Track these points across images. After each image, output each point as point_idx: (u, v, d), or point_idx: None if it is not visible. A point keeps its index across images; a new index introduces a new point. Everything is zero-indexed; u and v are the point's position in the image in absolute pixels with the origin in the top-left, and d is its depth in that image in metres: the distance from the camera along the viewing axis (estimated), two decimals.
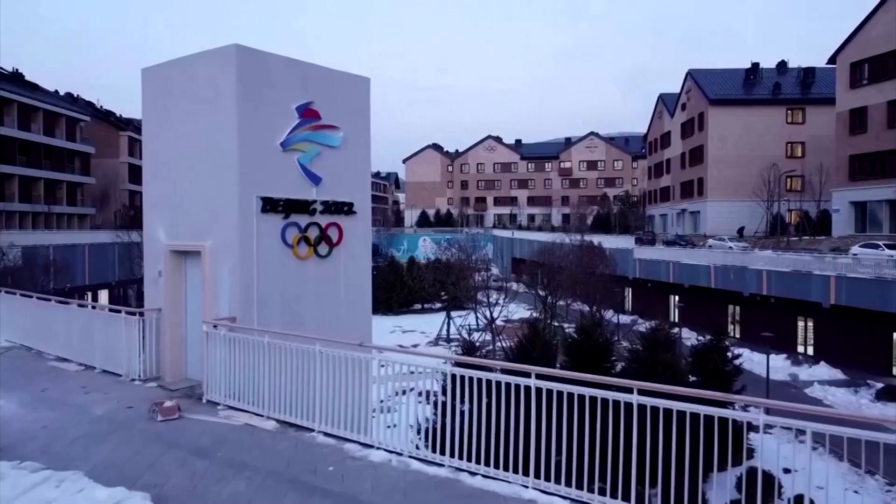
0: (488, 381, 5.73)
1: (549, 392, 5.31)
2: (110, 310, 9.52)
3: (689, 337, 36.54)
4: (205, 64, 8.61)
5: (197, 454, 6.28)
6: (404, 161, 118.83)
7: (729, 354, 19.18)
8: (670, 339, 17.76)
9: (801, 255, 34.80)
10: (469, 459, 5.76)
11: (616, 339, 21.21)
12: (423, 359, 6.68)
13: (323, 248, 9.22)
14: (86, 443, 6.67)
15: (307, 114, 9.00)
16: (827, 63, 47.84)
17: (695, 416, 4.90)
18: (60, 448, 6.50)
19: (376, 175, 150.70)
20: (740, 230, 54.85)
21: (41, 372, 9.78)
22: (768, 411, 4.92)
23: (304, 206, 8.96)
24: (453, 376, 6.11)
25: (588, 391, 5.18)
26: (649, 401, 4.95)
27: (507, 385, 5.59)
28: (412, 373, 6.63)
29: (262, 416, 7.25)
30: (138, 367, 9.06)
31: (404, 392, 22.23)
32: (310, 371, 6.81)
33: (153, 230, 9.39)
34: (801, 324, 33.69)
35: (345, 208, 9.44)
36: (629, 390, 5.05)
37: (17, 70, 60.83)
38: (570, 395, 5.22)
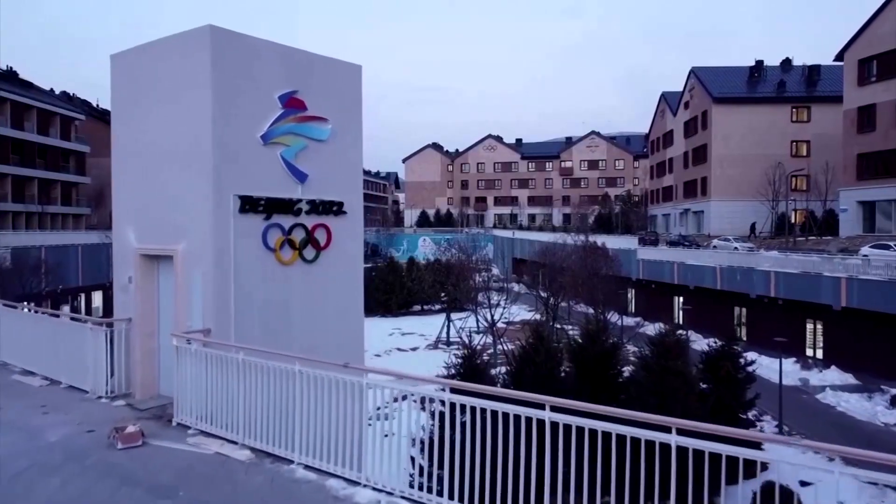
0: (493, 413, 4.87)
1: (567, 427, 4.45)
2: (72, 319, 8.67)
3: (696, 339, 35.80)
4: (176, 48, 7.77)
5: (157, 492, 5.43)
6: (404, 160, 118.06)
7: (742, 361, 18.33)
8: (681, 345, 16.90)
9: (808, 256, 33.96)
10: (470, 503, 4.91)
11: (621, 342, 20.35)
12: (416, 384, 5.80)
13: (309, 252, 8.38)
14: (32, 477, 5.83)
15: (291, 104, 8.15)
16: (834, 60, 46.96)
17: (734, 459, 4.07)
18: (1, 484, 5.67)
19: (376, 175, 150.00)
20: (752, 227, 53.87)
21: (2, 387, 8.93)
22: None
23: (287, 206, 8.12)
24: (452, 405, 5.25)
25: (614, 428, 4.32)
26: (691, 442, 4.10)
27: (517, 417, 4.73)
28: (404, 398, 5.78)
29: (236, 443, 6.39)
30: (105, 383, 8.21)
31: (404, 398, 20.90)
32: (289, 394, 5.96)
33: (122, 232, 8.55)
34: (809, 326, 32.84)
35: (334, 208, 8.59)
36: (666, 429, 4.18)
37: (10, 68, 60.00)
38: (594, 431, 4.35)
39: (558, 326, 39.02)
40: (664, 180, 75.32)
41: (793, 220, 55.67)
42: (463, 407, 5.09)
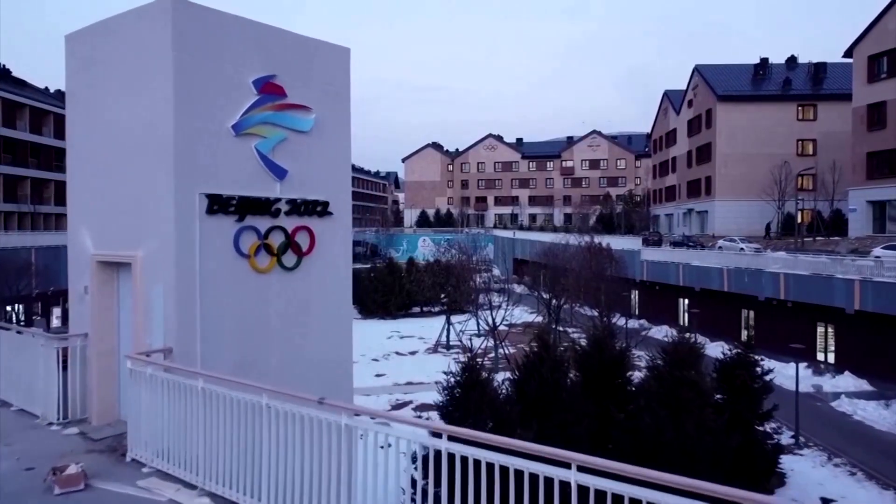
0: (503, 469, 3.86)
1: (601, 493, 3.44)
2: (18, 332, 7.69)
3: (702, 342, 34.59)
4: (133, 24, 6.77)
5: None
6: (404, 160, 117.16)
7: (758, 369, 17.33)
8: (694, 354, 15.90)
9: (818, 258, 32.97)
10: None
11: (627, 346, 19.37)
12: (400, 427, 4.78)
13: (289, 258, 7.39)
14: None
15: (268, 89, 7.16)
16: (843, 56, 45.95)
17: None
18: None
19: (375, 174, 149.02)
20: (767, 227, 52.77)
21: None
22: None
23: (264, 206, 7.12)
24: (450, 456, 4.23)
25: (659, 497, 3.29)
26: None
27: (533, 477, 3.72)
28: (389, 444, 4.78)
29: (194, 487, 5.39)
30: (58, 408, 7.21)
31: (402, 406, 19.79)
32: (256, 431, 4.97)
33: (77, 235, 7.55)
34: (820, 329, 31.85)
35: (318, 208, 7.59)
36: None
37: (3, 66, 59.02)
38: (636, 502, 3.32)
39: (561, 329, 38.06)
40: (667, 180, 74.34)
41: (798, 221, 54.75)
42: (464, 459, 4.08)
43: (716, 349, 26.80)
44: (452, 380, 14.68)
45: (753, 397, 17.15)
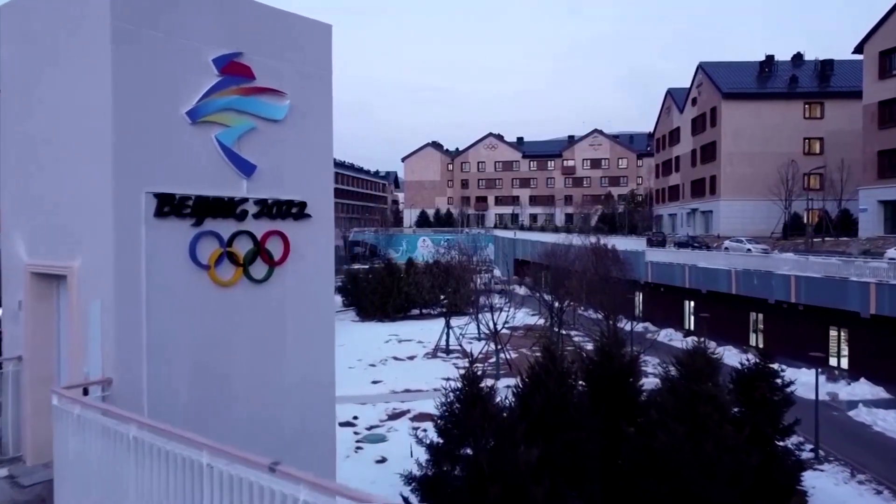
0: None
1: None
2: None
3: (713, 347, 33.45)
4: None
5: None
6: (403, 159, 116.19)
7: (779, 381, 16.22)
8: (712, 365, 14.79)
9: (829, 259, 31.91)
10: None
11: (638, 354, 18.29)
12: None
13: (258, 269, 6.28)
14: None
15: (233, 70, 6.06)
16: (853, 53, 44.88)
17: None
18: None
19: (375, 174, 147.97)
20: (785, 227, 51.53)
21: None
22: None
23: (227, 207, 6.02)
24: None
25: None
26: None
27: None
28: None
29: None
30: None
31: (399, 415, 18.21)
32: (195, 498, 3.87)
33: (10, 241, 6.45)
34: (833, 334, 30.74)
35: (293, 210, 6.49)
36: None
37: None
38: None
39: (564, 332, 37.00)
40: (670, 179, 73.29)
41: (805, 221, 53.69)
42: None
43: (730, 357, 25.76)
44: (451, 394, 13.57)
45: (773, 410, 16.06)
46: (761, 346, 34.92)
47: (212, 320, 5.88)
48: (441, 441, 13.71)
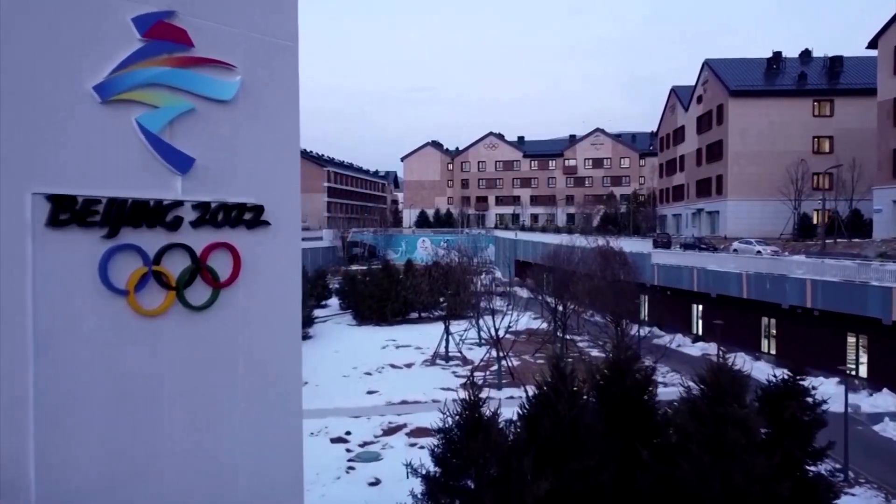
0: None
1: None
2: None
3: (707, 350, 31.97)
4: None
5: None
6: (402, 159, 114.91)
7: (810, 399, 14.78)
8: (739, 383, 13.37)
9: (841, 261, 30.52)
10: None
11: (653, 368, 16.80)
12: None
13: (198, 293, 4.85)
14: None
15: (161, 33, 4.64)
16: (867, 48, 43.44)
17: None
18: None
19: (374, 174, 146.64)
20: (806, 229, 50.04)
21: None
22: None
23: (154, 214, 4.59)
24: None
25: None
26: None
27: None
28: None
29: None
30: None
31: (395, 430, 16.10)
32: None
33: None
34: (851, 340, 29.34)
35: (246, 216, 5.07)
36: None
37: None
38: None
39: (568, 338, 35.58)
40: (674, 179, 71.91)
41: (815, 221, 52.28)
42: None
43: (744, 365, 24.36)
44: (449, 419, 12.15)
45: (804, 432, 14.64)
46: (773, 352, 33.58)
47: (130, 363, 4.46)
48: (438, 471, 12.31)
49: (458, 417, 12.28)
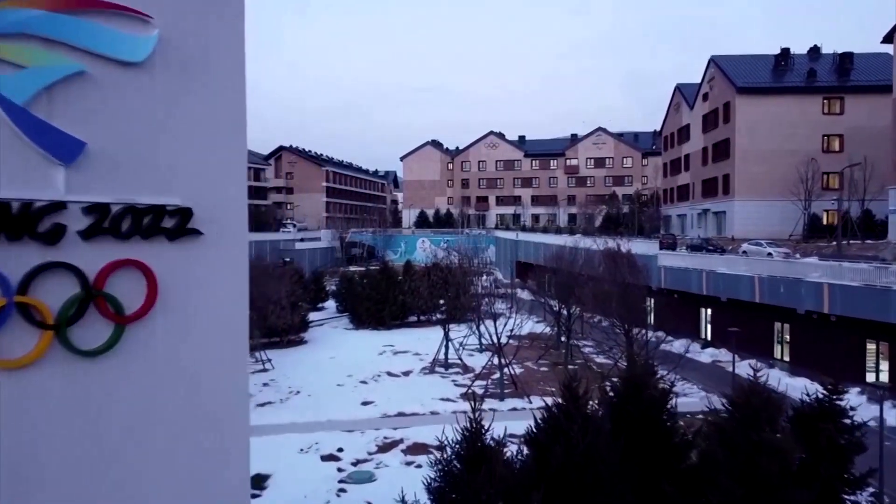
0: None
1: None
2: None
3: (724, 356, 30.21)
4: None
5: None
6: (402, 158, 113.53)
7: (848, 421, 13.35)
8: (773, 405, 11.95)
9: (860, 264, 29.13)
10: None
11: (672, 385, 15.35)
12: None
13: (91, 332, 3.40)
14: None
15: None
16: (881, 42, 42.05)
17: None
18: None
19: (374, 173, 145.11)
20: (816, 230, 48.50)
21: None
22: None
23: (18, 221, 3.18)
24: None
25: None
26: None
27: None
28: None
29: None
30: None
31: (391, 446, 14.46)
32: None
33: None
34: (870, 347, 27.94)
35: (165, 223, 3.67)
36: None
37: None
38: None
39: (573, 343, 34.19)
40: (679, 178, 70.53)
41: (825, 222, 50.92)
42: None
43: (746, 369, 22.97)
44: (448, 449, 10.74)
45: (841, 457, 13.25)
46: (787, 359, 32.18)
47: None
48: None
49: (458, 447, 10.88)
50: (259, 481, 17.14)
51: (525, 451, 12.14)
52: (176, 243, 3.74)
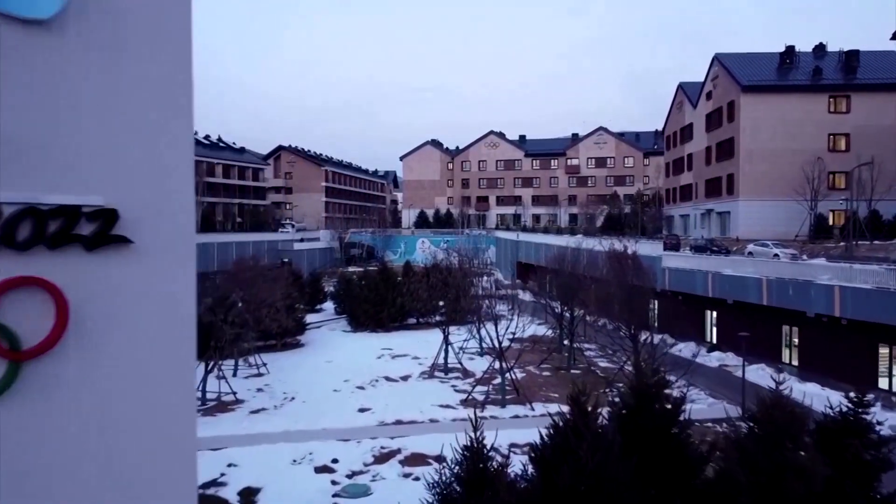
0: None
1: None
2: None
3: (732, 360, 29.05)
4: None
5: None
6: (402, 158, 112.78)
7: (875, 436, 12.52)
8: (798, 420, 11.15)
9: (871, 266, 28.37)
10: None
11: (684, 396, 14.60)
12: None
13: None
14: None
15: None
16: (891, 39, 41.28)
17: None
18: None
19: (374, 173, 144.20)
20: (823, 230, 47.71)
21: None
22: None
23: None
24: None
25: None
26: None
27: None
28: None
29: None
30: None
31: (388, 457, 13.44)
32: None
33: None
34: (883, 351, 27.17)
35: (81, 228, 2.90)
36: None
37: None
38: None
39: (576, 346, 33.42)
40: (681, 178, 69.76)
41: (831, 222, 50.14)
42: None
43: (763, 376, 22.16)
44: (447, 471, 9.92)
45: (867, 474, 12.43)
46: (795, 363, 31.42)
47: None
48: None
49: (457, 468, 10.06)
50: (249, 495, 16.34)
51: (530, 469, 11.32)
52: (96, 254, 2.87)
